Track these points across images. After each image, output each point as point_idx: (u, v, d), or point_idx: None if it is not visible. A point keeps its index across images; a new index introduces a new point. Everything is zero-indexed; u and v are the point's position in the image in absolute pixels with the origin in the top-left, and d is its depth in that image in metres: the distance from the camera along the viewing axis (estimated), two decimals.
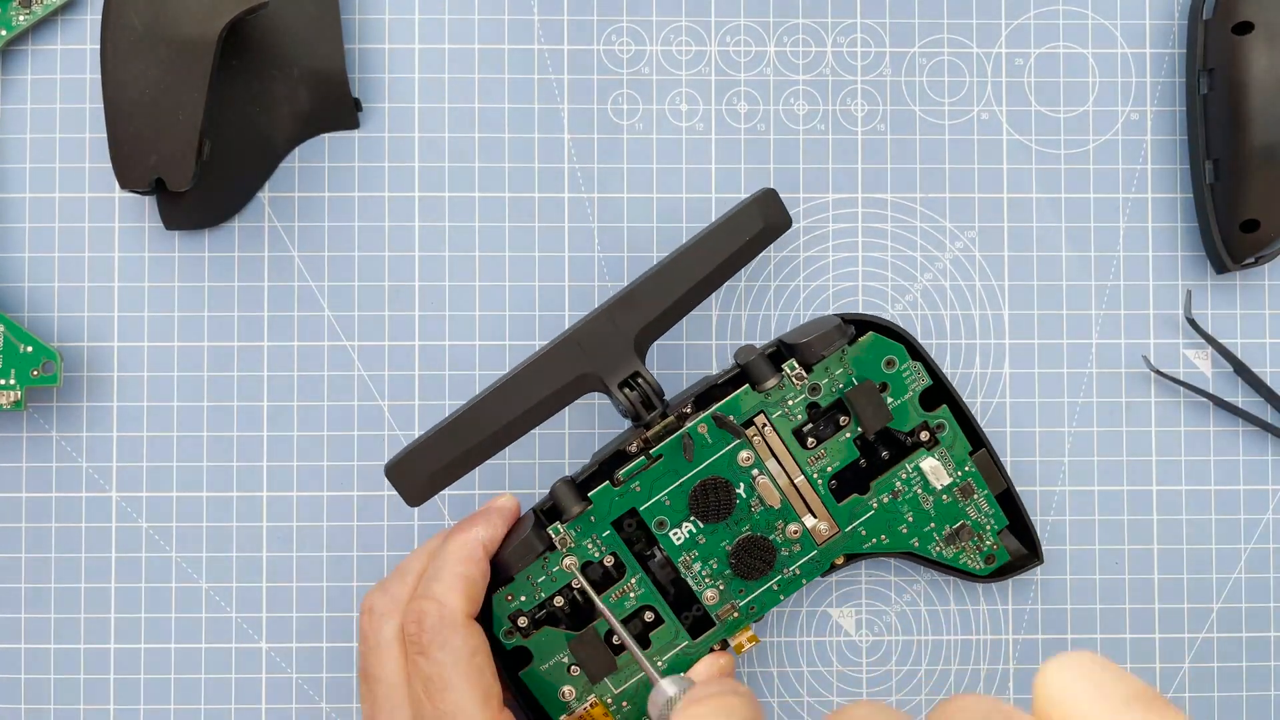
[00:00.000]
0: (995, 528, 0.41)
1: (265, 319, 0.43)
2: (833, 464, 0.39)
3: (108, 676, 0.42)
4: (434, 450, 0.37)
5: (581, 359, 0.38)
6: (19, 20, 0.42)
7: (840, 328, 0.39)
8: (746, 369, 0.39)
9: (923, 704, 0.43)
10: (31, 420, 0.43)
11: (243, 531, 0.43)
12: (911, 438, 0.40)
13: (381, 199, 0.43)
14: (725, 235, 0.39)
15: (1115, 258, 0.44)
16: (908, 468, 0.40)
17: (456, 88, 0.43)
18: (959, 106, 0.44)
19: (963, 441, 0.40)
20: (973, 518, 0.40)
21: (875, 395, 0.39)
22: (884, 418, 0.39)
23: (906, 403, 0.40)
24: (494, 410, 0.38)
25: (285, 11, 0.42)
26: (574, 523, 0.38)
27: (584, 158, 0.43)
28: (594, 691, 0.39)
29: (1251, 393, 0.43)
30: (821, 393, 0.39)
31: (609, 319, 0.38)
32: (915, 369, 0.40)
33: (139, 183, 0.40)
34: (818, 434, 0.39)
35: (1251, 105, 0.41)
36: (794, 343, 0.39)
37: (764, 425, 0.39)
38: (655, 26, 0.43)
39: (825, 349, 0.39)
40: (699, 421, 0.38)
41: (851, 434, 0.39)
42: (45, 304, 0.43)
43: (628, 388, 0.38)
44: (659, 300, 0.38)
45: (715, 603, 0.39)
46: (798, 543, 0.39)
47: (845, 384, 0.39)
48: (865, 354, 0.39)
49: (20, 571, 0.42)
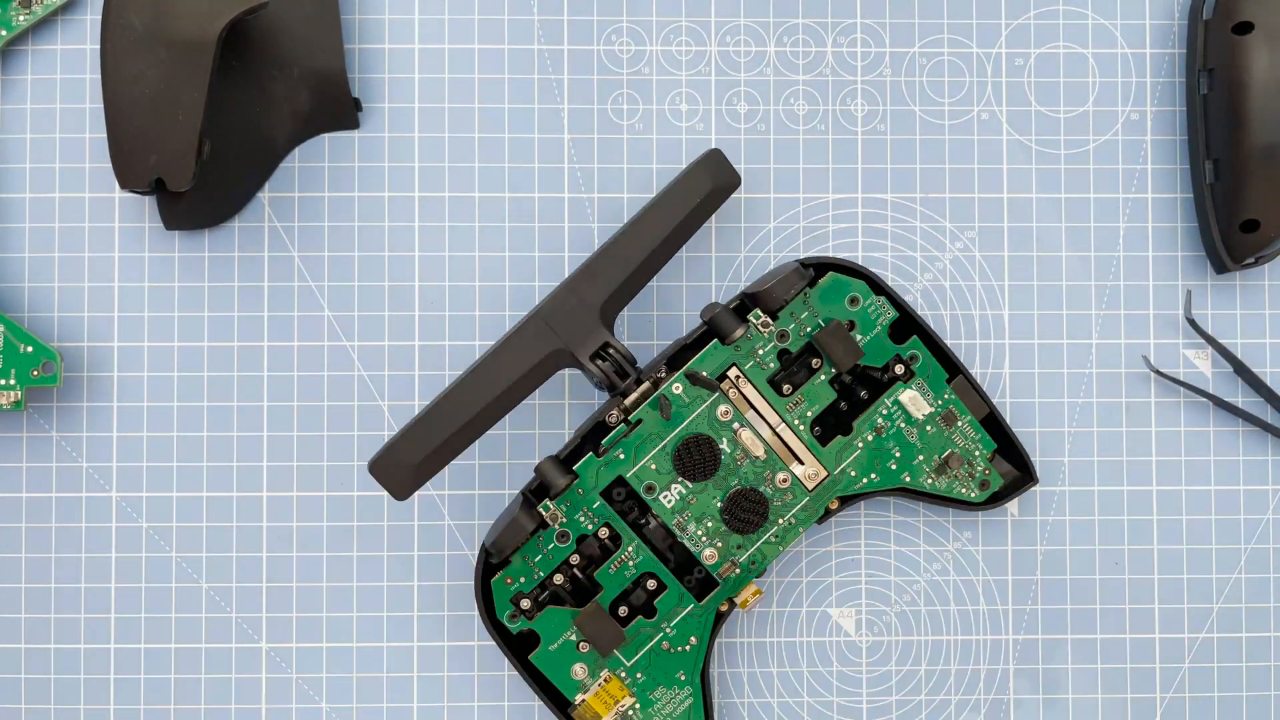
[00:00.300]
0: (984, 453, 0.41)
1: (265, 319, 0.43)
2: (812, 408, 0.40)
3: (108, 676, 0.42)
4: (413, 443, 0.38)
5: (550, 336, 0.38)
6: (19, 20, 0.42)
7: (799, 271, 0.39)
8: (713, 323, 0.39)
9: (923, 704, 0.43)
10: (31, 420, 0.43)
11: (243, 531, 0.43)
12: (886, 373, 0.40)
13: (381, 199, 0.43)
14: (676, 199, 0.39)
15: (1115, 258, 0.44)
16: (887, 403, 0.40)
17: (456, 88, 0.43)
18: (959, 106, 0.44)
19: (938, 369, 0.40)
20: (960, 445, 0.41)
21: (844, 334, 0.39)
22: (855, 354, 0.39)
23: (876, 337, 0.40)
24: (469, 396, 0.38)
25: (285, 11, 0.42)
26: (562, 497, 0.39)
27: (584, 158, 0.43)
28: (606, 666, 0.39)
29: (1251, 393, 0.43)
30: (790, 339, 0.40)
31: (572, 293, 0.38)
32: (880, 303, 0.40)
33: (139, 183, 0.40)
34: (792, 380, 0.40)
35: (1251, 105, 0.41)
36: (755, 291, 0.39)
37: (738, 378, 0.39)
38: (655, 26, 0.43)
39: (787, 294, 0.39)
40: (673, 381, 0.39)
41: (826, 375, 0.40)
42: (45, 304, 0.43)
43: (599, 359, 0.38)
44: (619, 269, 0.39)
45: (715, 561, 0.39)
46: (789, 491, 0.40)
47: (813, 327, 0.40)
48: (828, 294, 0.40)
49: (20, 571, 0.42)
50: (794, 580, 0.43)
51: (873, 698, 0.43)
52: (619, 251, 0.39)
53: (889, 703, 0.43)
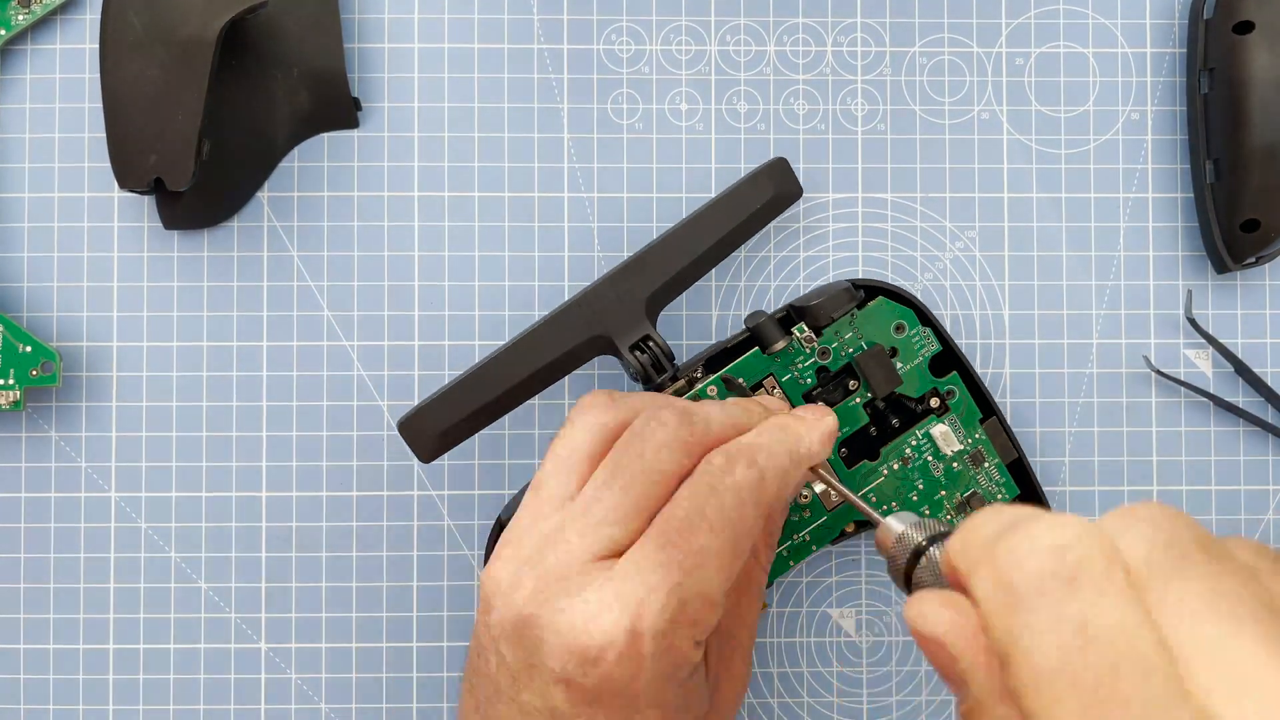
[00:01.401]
0: (1006, 497, 0.41)
1: (264, 319, 0.43)
2: (842, 429, 0.39)
3: (107, 676, 0.42)
4: (445, 407, 0.38)
5: (593, 321, 0.38)
6: (18, 20, 0.42)
7: (850, 291, 0.39)
8: (756, 331, 0.39)
9: (923, 704, 0.43)
10: (31, 420, 0.43)
11: (242, 532, 0.43)
12: (921, 405, 0.40)
13: (381, 199, 0.43)
14: (736, 202, 0.39)
15: (1115, 258, 0.44)
16: (918, 434, 0.40)
17: (456, 87, 0.43)
18: (959, 106, 0.44)
19: (973, 408, 0.40)
20: (983, 486, 0.40)
21: (885, 360, 0.39)
22: (894, 382, 0.39)
23: (916, 368, 0.40)
24: (505, 369, 0.38)
25: (285, 11, 0.42)
26: None
27: (584, 158, 0.43)
28: None
29: (1252, 393, 0.43)
30: (831, 356, 0.39)
31: (621, 282, 0.39)
32: (925, 335, 0.40)
33: (138, 183, 0.40)
34: (828, 398, 0.40)
35: (1252, 105, 0.41)
36: (803, 305, 0.39)
37: (773, 388, 0.39)
38: (655, 26, 0.43)
39: (834, 312, 0.39)
40: (708, 384, 0.39)
41: (861, 399, 0.40)
42: (45, 304, 0.43)
43: (638, 350, 0.38)
44: (670, 264, 0.39)
45: None
46: (807, 508, 0.39)
47: (855, 348, 0.40)
48: (875, 317, 0.40)
49: (20, 571, 0.42)
50: (794, 580, 0.43)
51: (873, 698, 0.43)
52: (671, 247, 0.39)
53: (889, 703, 0.43)
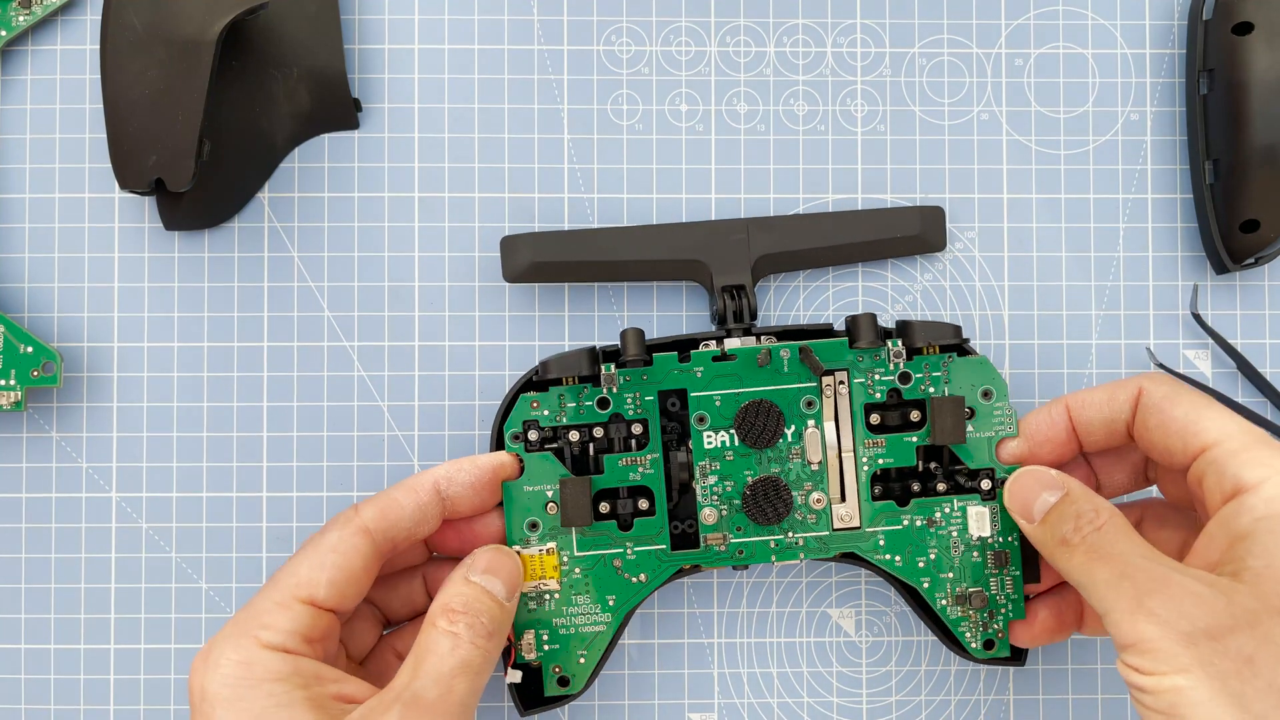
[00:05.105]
0: (1009, 615, 0.39)
1: (265, 319, 0.43)
2: (886, 459, 0.39)
3: (107, 677, 0.42)
4: (547, 245, 0.41)
5: (704, 247, 0.41)
6: (19, 20, 0.42)
7: (957, 331, 0.39)
8: (852, 323, 0.39)
9: (923, 704, 0.43)
10: (31, 421, 0.43)
11: (242, 532, 0.43)
12: (973, 480, 0.39)
13: (381, 199, 0.43)
14: (879, 221, 0.41)
15: (1115, 258, 0.44)
16: (955, 503, 0.39)
17: (456, 88, 0.43)
18: (959, 106, 0.44)
19: None
20: (993, 591, 0.39)
21: (960, 413, 0.38)
22: (958, 438, 0.38)
23: (985, 440, 0.39)
24: (610, 243, 0.41)
25: (285, 11, 0.42)
26: (627, 370, 0.39)
27: (584, 158, 0.43)
28: (556, 539, 0.39)
29: (1252, 393, 0.43)
30: (910, 383, 0.39)
31: (744, 230, 0.41)
32: (1008, 415, 0.39)
33: (139, 183, 0.40)
34: (886, 422, 0.39)
35: (1251, 105, 0.41)
36: (909, 322, 0.39)
37: (841, 383, 0.39)
38: (655, 26, 0.43)
39: (934, 339, 0.39)
40: (785, 346, 0.39)
41: (920, 439, 0.39)
42: (45, 304, 0.43)
43: (729, 295, 0.40)
44: (792, 239, 0.41)
45: (710, 524, 0.39)
46: (815, 514, 0.39)
47: (936, 389, 0.39)
48: (970, 372, 0.39)
49: (20, 571, 0.42)
50: (794, 580, 0.43)
51: (873, 698, 0.43)
52: (801, 226, 0.41)
53: (889, 703, 0.43)
